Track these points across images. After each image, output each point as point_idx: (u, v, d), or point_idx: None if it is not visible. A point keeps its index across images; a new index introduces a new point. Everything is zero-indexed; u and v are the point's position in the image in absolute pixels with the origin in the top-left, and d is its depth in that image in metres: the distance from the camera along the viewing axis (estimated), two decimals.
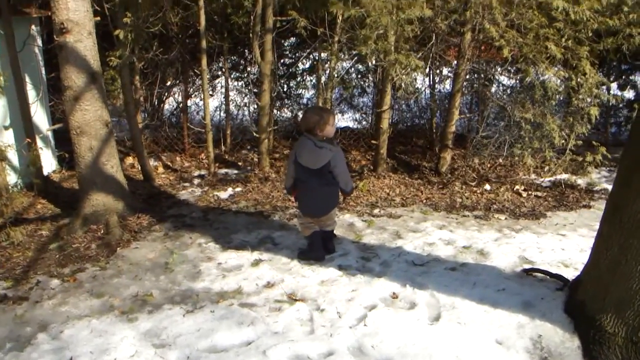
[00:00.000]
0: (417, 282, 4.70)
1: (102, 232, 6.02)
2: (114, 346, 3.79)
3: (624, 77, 11.10)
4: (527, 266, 5.03)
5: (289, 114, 11.59)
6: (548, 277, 4.70)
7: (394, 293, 4.55)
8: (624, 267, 3.47)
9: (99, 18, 6.43)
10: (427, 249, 5.62)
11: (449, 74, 10.34)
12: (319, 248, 5.33)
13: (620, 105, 10.83)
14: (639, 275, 3.38)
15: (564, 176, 8.23)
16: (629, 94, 11.00)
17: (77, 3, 5.70)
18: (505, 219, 6.75)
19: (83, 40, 5.82)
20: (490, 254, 5.44)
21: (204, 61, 8.23)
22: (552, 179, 8.38)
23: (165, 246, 5.75)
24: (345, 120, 11.86)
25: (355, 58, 9.65)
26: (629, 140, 3.79)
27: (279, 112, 11.26)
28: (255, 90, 10.22)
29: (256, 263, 5.27)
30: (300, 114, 10.74)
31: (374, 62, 9.19)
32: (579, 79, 7.23)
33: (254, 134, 8.94)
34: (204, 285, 4.81)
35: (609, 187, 7.87)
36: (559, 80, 7.53)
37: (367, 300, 4.41)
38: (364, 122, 11.60)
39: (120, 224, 6.13)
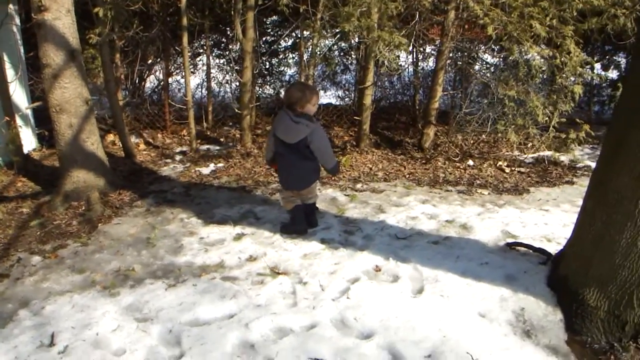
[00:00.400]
0: (400, 255, 4.69)
1: (83, 208, 5.97)
2: (95, 321, 3.75)
3: (607, 57, 11.19)
4: (510, 240, 5.04)
5: (271, 91, 11.57)
6: (531, 251, 4.71)
7: (376, 266, 4.54)
8: (607, 241, 3.48)
9: None
10: (410, 222, 5.61)
11: (432, 52, 10.35)
12: (301, 221, 5.32)
13: (604, 84, 10.91)
14: (622, 249, 3.39)
15: (547, 153, 8.27)
16: (613, 74, 11.07)
17: None
18: (489, 194, 6.77)
19: (62, 18, 5.74)
20: (474, 228, 5.45)
21: (185, 39, 8.18)
22: (535, 155, 8.43)
23: (146, 221, 5.70)
24: (327, 97, 11.86)
25: (338, 35, 9.59)
26: (612, 119, 3.79)
27: (260, 89, 11.26)
28: (237, 67, 10.16)
29: (238, 237, 5.24)
30: (282, 91, 10.71)
31: (356, 39, 9.15)
32: (563, 58, 7.23)
33: (236, 111, 8.91)
34: (186, 259, 4.78)
35: (592, 164, 7.92)
36: (542, 59, 7.53)
37: (350, 273, 4.40)
38: (346, 99, 11.60)
39: (101, 200, 6.09)
